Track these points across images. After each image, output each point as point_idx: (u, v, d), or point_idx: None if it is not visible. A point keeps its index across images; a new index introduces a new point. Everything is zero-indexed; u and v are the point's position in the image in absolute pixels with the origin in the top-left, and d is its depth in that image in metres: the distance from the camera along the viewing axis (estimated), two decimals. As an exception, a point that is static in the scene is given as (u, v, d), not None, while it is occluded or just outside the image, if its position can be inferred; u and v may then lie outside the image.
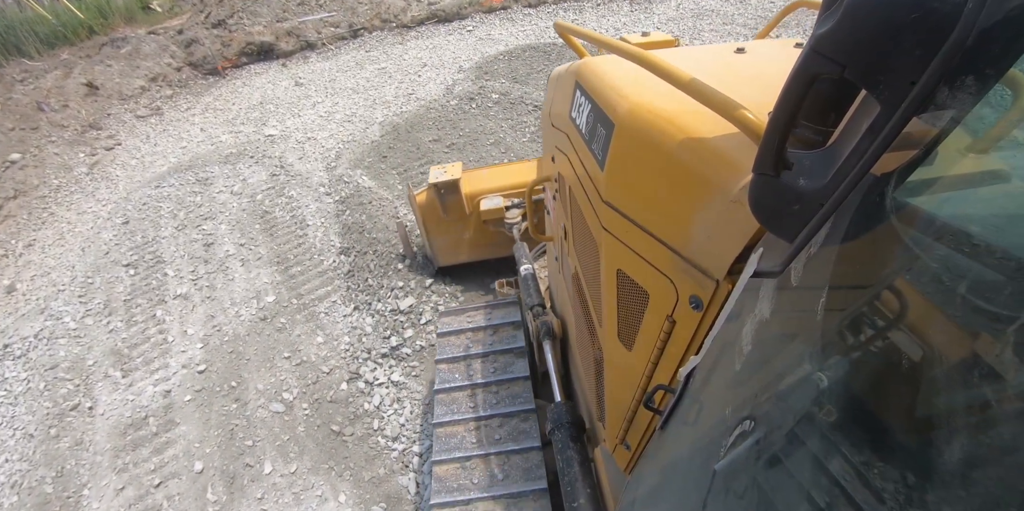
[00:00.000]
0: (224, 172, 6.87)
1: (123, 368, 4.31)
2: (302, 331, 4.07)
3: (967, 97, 0.43)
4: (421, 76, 9.37)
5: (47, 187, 8.64)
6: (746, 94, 0.91)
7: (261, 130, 8.46)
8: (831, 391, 0.53)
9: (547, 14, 11.18)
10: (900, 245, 0.50)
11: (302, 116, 8.67)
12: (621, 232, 1.19)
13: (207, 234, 5.65)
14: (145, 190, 7.04)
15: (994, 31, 0.39)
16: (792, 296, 0.64)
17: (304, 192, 5.92)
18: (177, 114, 10.68)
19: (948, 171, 0.52)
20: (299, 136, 7.75)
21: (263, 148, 7.49)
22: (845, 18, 0.46)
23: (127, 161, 8.91)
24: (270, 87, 10.80)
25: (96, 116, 10.76)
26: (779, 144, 0.58)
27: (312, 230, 5.20)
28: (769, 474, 0.58)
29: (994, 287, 0.42)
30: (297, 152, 7.11)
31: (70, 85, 11.07)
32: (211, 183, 6.71)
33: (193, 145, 8.73)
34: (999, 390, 0.39)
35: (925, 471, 0.42)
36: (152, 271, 5.36)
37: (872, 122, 0.48)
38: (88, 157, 9.28)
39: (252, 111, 9.56)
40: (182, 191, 6.69)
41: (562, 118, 1.68)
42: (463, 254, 4.33)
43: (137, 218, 6.42)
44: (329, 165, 6.49)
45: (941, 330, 0.46)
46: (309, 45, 12.28)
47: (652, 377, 1.18)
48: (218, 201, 6.22)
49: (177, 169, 7.42)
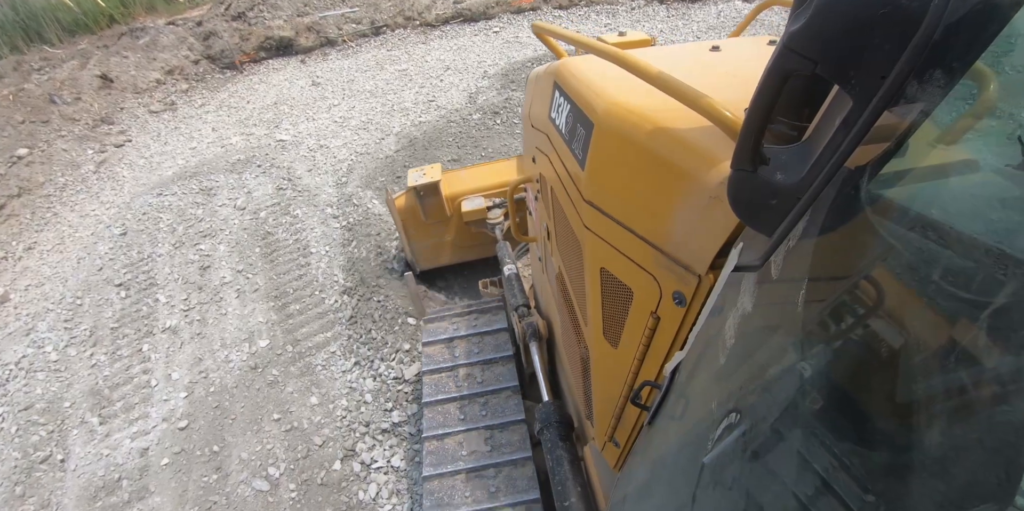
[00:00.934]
0: (229, 182, 6.36)
1: (101, 413, 3.84)
2: (296, 387, 3.55)
3: (936, 90, 0.44)
4: (443, 81, 8.75)
5: (53, 185, 8.23)
6: (722, 91, 0.92)
7: (273, 133, 7.94)
8: (813, 381, 0.54)
9: (578, 17, 10.46)
10: (876, 236, 0.51)
11: (316, 120, 8.12)
12: (603, 231, 1.17)
13: (204, 255, 5.15)
14: (147, 197, 6.56)
15: (959, 25, 0.39)
16: (773, 289, 0.63)
17: (310, 212, 5.38)
18: (191, 110, 10.20)
19: (919, 163, 0.52)
20: (311, 143, 7.21)
21: (272, 155, 6.96)
22: (816, 15, 0.46)
23: (135, 160, 8.46)
24: (287, 85, 10.26)
25: (109, 110, 10.33)
26: (755, 140, 0.58)
27: (315, 260, 4.66)
28: (756, 465, 0.58)
29: (967, 274, 0.43)
30: (307, 162, 6.57)
31: (84, 77, 10.65)
32: (215, 194, 6.21)
33: (203, 146, 8.25)
34: (976, 374, 0.39)
35: (907, 457, 0.43)
36: (143, 295, 4.88)
37: (845, 116, 0.48)
38: (97, 154, 8.85)
39: (266, 112, 9.03)
40: (184, 201, 6.20)
41: (542, 119, 1.64)
42: (444, 257, 4.18)
43: (136, 229, 5.95)
44: (339, 180, 5.93)
45: (918, 318, 0.46)
46: (329, 41, 11.70)
47: (638, 374, 1.17)
48: (220, 216, 5.71)
49: (182, 175, 6.92)
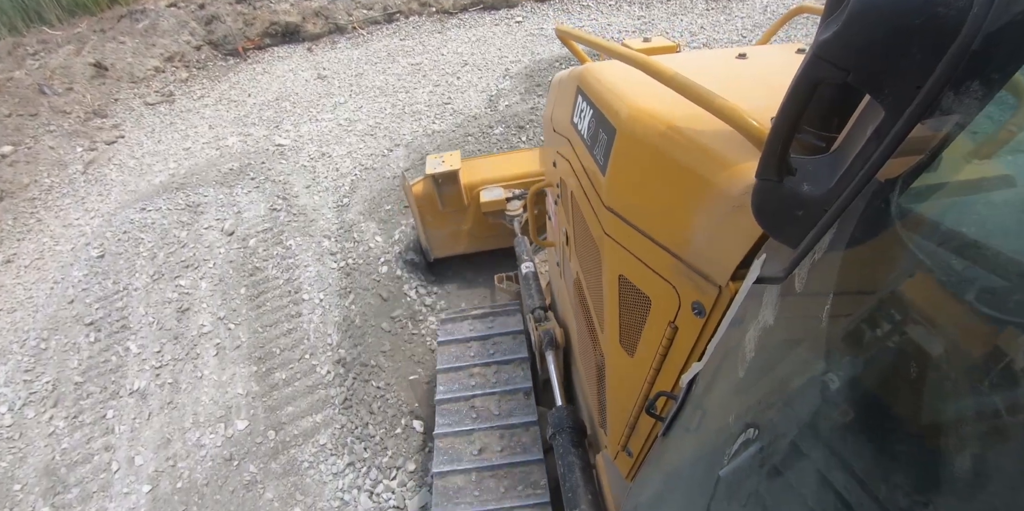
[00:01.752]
0: (219, 197, 5.60)
1: (55, 502, 3.21)
2: (277, 493, 2.86)
3: (972, 102, 0.42)
4: (460, 78, 7.83)
5: (38, 187, 7.53)
6: (749, 100, 0.90)
7: (272, 135, 7.13)
8: (836, 398, 0.51)
9: (608, 8, 9.39)
10: (905, 251, 0.49)
11: (320, 121, 7.29)
12: (623, 237, 1.14)
13: (184, 293, 4.44)
14: (130, 211, 5.83)
15: (1000, 35, 0.37)
16: (796, 302, 0.61)
17: (305, 244, 4.62)
18: (189, 103, 9.39)
19: (953, 177, 0.50)
20: (312, 150, 6.41)
21: (269, 164, 6.18)
22: (849, 23, 0.44)
23: (126, 161, 7.71)
24: (291, 77, 9.39)
25: (102, 101, 9.56)
26: (782, 150, 0.56)
27: (307, 310, 3.93)
28: (773, 482, 0.56)
29: (1001, 293, 0.41)
30: (306, 175, 5.78)
31: (77, 65, 9.85)
32: (202, 212, 5.47)
33: (197, 147, 7.47)
34: (1009, 398, 0.37)
35: (932, 480, 0.40)
36: (114, 341, 4.20)
37: (877, 127, 0.46)
38: (86, 152, 8.12)
39: (267, 108, 8.20)
40: (169, 219, 5.46)
41: (564, 123, 1.61)
42: (460, 246, 4.03)
43: (114, 252, 5.24)
44: (340, 201, 5.14)
45: (947, 337, 0.44)
46: (338, 28, 10.74)
47: (654, 383, 1.14)
48: (205, 241, 4.98)
49: (170, 185, 6.15)
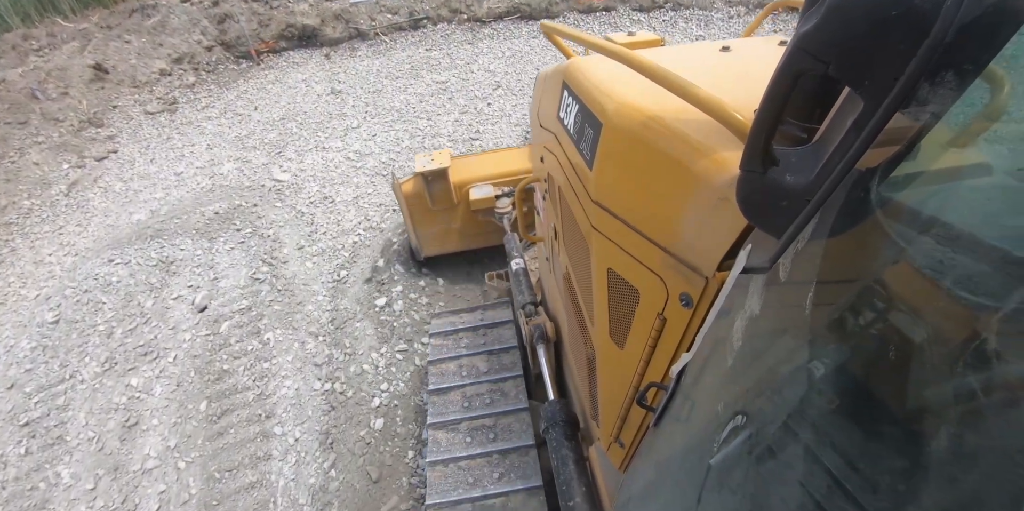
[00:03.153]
0: (196, 254, 4.63)
1: None
2: None
3: (948, 92, 0.42)
4: (491, 105, 6.75)
5: (16, 210, 6.68)
6: (732, 92, 0.91)
7: (271, 166, 6.15)
8: (821, 384, 0.52)
9: (662, 22, 8.16)
10: (886, 239, 0.48)
11: (327, 150, 6.29)
12: (611, 231, 1.13)
13: (134, 398, 3.49)
14: (98, 262, 4.89)
15: (973, 27, 0.38)
16: (781, 291, 0.61)
17: (286, 340, 3.62)
18: (191, 114, 8.47)
19: (931, 165, 0.50)
20: (313, 190, 5.41)
21: (261, 209, 5.18)
22: (828, 16, 0.44)
23: (112, 184, 6.81)
24: (302, 90, 8.38)
25: (99, 108, 8.68)
26: (765, 141, 0.56)
27: (278, 453, 2.94)
28: (762, 468, 0.56)
29: (979, 278, 0.41)
30: (301, 229, 4.78)
31: (75, 67, 8.99)
32: (174, 272, 4.52)
33: (189, 174, 6.53)
34: (987, 380, 0.37)
35: (917, 462, 0.41)
36: (46, 458, 3.27)
37: (856, 118, 0.47)
38: (72, 169, 7.25)
39: (271, 129, 7.22)
40: (136, 279, 4.53)
41: (550, 119, 1.59)
42: (451, 244, 3.96)
43: (69, 319, 4.33)
44: (336, 275, 4.11)
45: (928, 322, 0.44)
46: (359, 34, 9.69)
47: (644, 375, 1.13)
48: (170, 319, 4.03)
49: (147, 229, 5.18)
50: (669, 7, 8.37)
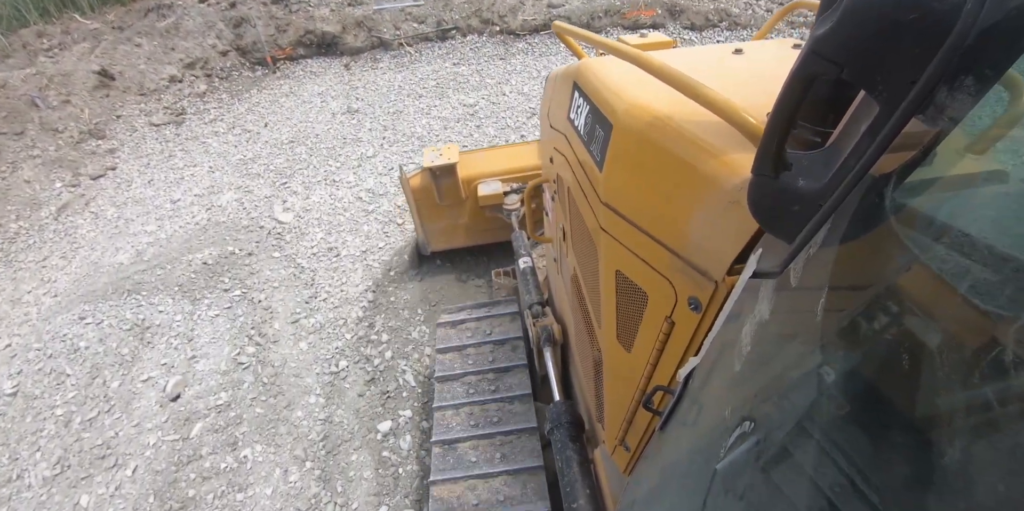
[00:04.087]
0: (175, 319, 3.95)
1: None
2: None
3: (966, 98, 0.41)
4: (525, 137, 6.00)
5: (2, 234, 6.12)
6: (744, 95, 0.90)
7: (274, 199, 5.47)
8: (830, 392, 0.50)
9: (714, 43, 7.30)
10: (899, 246, 0.47)
11: (337, 184, 5.58)
12: (620, 233, 1.12)
13: (76, 526, 2.87)
14: (68, 319, 4.26)
15: (993, 31, 0.37)
16: (791, 297, 0.60)
17: (267, 464, 2.84)
18: (198, 127, 7.86)
19: (947, 172, 0.50)
20: (317, 238, 4.70)
21: (255, 261, 4.46)
22: (844, 19, 0.43)
23: (104, 209, 6.22)
24: (316, 105, 7.70)
25: (102, 118, 8.12)
26: (778, 145, 0.56)
27: None
28: (769, 475, 0.55)
29: (994, 287, 0.40)
30: (298, 294, 4.06)
31: (80, 72, 8.45)
32: (148, 341, 3.87)
33: (186, 202, 5.89)
34: (1002, 390, 0.36)
35: (927, 472, 0.40)
36: None
37: (871, 123, 0.45)
38: (66, 189, 6.69)
39: (278, 153, 6.54)
40: (106, 347, 3.89)
41: (560, 119, 1.59)
42: (458, 240, 3.89)
43: (28, 393, 3.70)
44: (335, 368, 3.32)
45: (941, 331, 0.43)
46: (382, 43, 8.97)
47: (651, 378, 1.12)
48: (135, 413, 3.37)
49: (125, 284, 4.51)
50: (724, 26, 7.48)
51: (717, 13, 7.76)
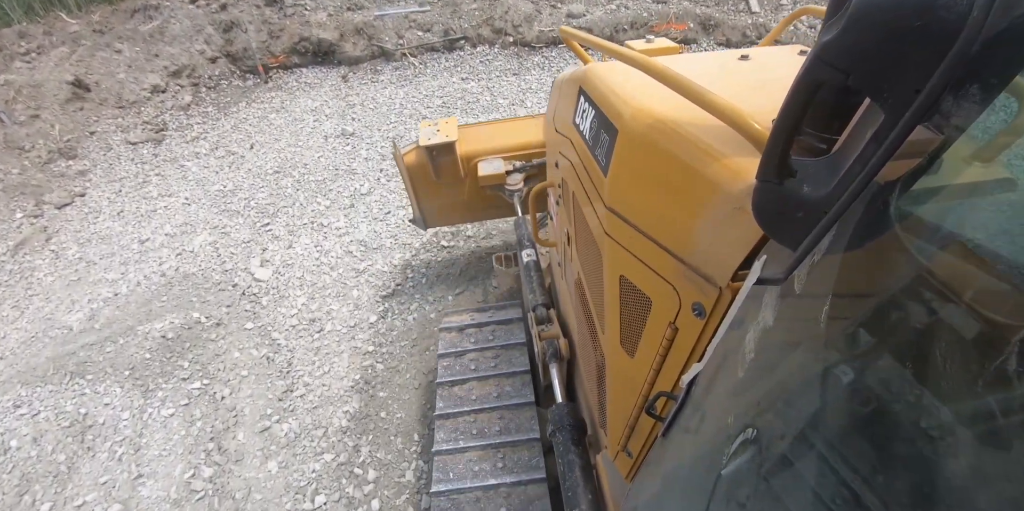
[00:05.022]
0: (122, 420, 3.23)
1: None
2: None
3: (972, 106, 0.41)
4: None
5: (-49, 273, 5.51)
6: (750, 101, 0.91)
7: (252, 248, 4.75)
8: (834, 399, 0.51)
9: (762, 64, 6.51)
10: (904, 254, 0.48)
11: (325, 230, 4.86)
12: (624, 238, 1.12)
13: None
14: (3, 406, 3.65)
15: (999, 39, 0.36)
16: (795, 304, 0.60)
17: None
18: (178, 147, 7.13)
19: (953, 180, 0.49)
20: (299, 303, 3.97)
21: (222, 337, 3.75)
22: (850, 26, 0.43)
23: (65, 247, 5.53)
24: (309, 125, 6.95)
25: (74, 134, 7.39)
26: (783, 151, 0.56)
27: None
28: (771, 482, 0.55)
29: (999, 296, 0.40)
30: (271, 384, 3.36)
31: (51, 82, 7.71)
32: (89, 449, 3.19)
33: (153, 246, 5.18)
34: (1006, 400, 0.36)
35: (928, 483, 0.40)
36: None
37: (876, 130, 0.45)
38: (27, 220, 6.01)
39: (262, 185, 5.82)
40: (40, 450, 3.21)
41: (565, 124, 1.59)
42: (456, 217, 3.76)
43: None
44: (310, 506, 2.73)
45: (946, 340, 0.42)
46: (384, 53, 8.17)
47: (654, 384, 1.12)
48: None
49: (70, 361, 3.83)
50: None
51: (755, 28, 6.96)
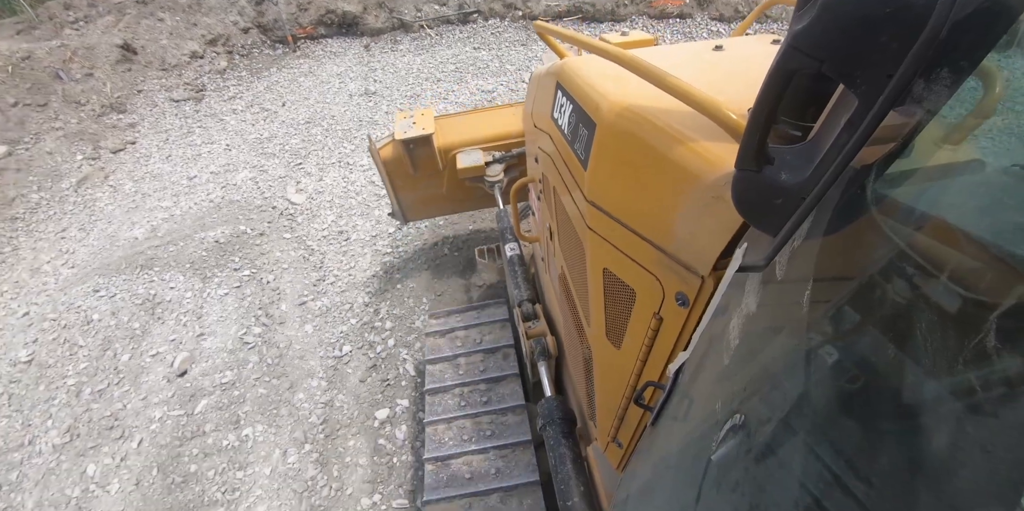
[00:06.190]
0: (185, 296, 4.01)
1: None
2: None
3: (942, 89, 0.42)
4: (539, 126, 5.92)
5: (24, 203, 6.23)
6: (726, 91, 0.94)
7: (288, 179, 5.47)
8: (818, 382, 0.51)
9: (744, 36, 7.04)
10: (881, 236, 0.48)
11: (351, 166, 5.56)
12: (606, 231, 1.12)
13: (87, 490, 2.86)
14: (84, 290, 4.34)
15: (967, 23, 0.37)
16: (777, 289, 0.61)
17: (267, 443, 2.87)
18: (217, 104, 7.85)
19: (925, 163, 0.50)
20: (328, 220, 4.69)
21: (266, 241, 4.49)
22: (821, 13, 0.43)
23: (122, 183, 6.29)
24: (335, 86, 7.63)
25: (123, 92, 8.16)
26: (760, 140, 0.56)
27: None
28: (760, 467, 0.56)
29: (974, 274, 0.41)
30: (307, 276, 4.07)
31: (103, 46, 8.47)
32: (158, 317, 3.92)
33: (202, 179, 5.93)
34: (983, 376, 0.37)
35: (911, 460, 0.41)
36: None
37: (850, 116, 0.45)
38: (87, 162, 6.76)
39: (294, 133, 6.52)
40: (118, 319, 3.96)
41: (544, 119, 1.58)
42: (435, 210, 3.75)
43: (42, 362, 3.78)
44: (338, 352, 3.26)
45: (924, 319, 0.43)
46: (403, 25, 8.83)
47: (641, 374, 1.13)
48: (143, 387, 3.42)
49: (138, 259, 4.58)
50: (758, 20, 7.19)
51: (748, 4, 7.48)
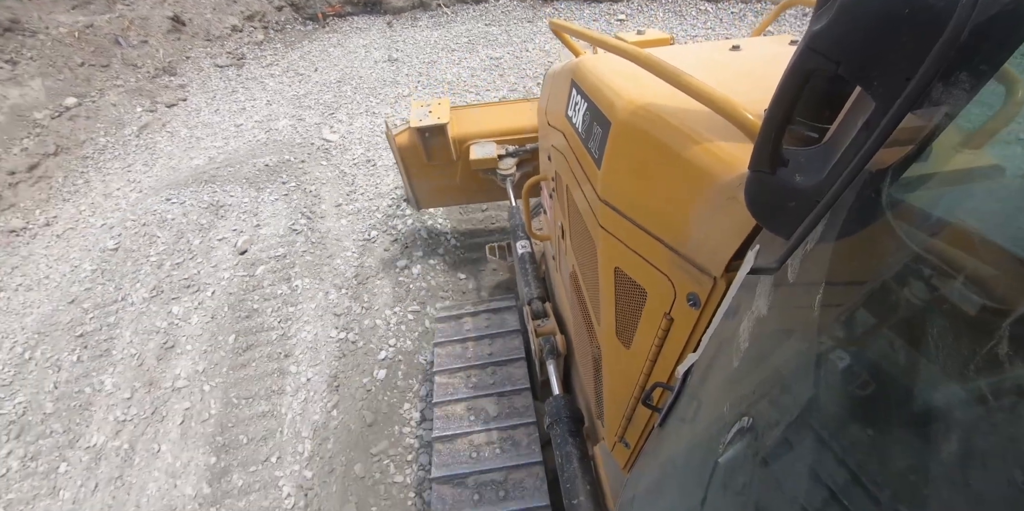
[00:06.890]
0: (243, 201, 4.89)
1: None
2: None
3: (962, 93, 0.40)
4: (540, 85, 6.74)
5: (93, 145, 7.20)
6: (742, 91, 0.90)
7: (323, 125, 6.37)
8: (828, 387, 0.51)
9: (730, 15, 7.80)
10: (896, 241, 0.47)
11: (376, 115, 6.44)
12: (618, 230, 1.11)
13: (173, 324, 3.80)
14: (157, 199, 5.27)
15: (988, 26, 0.36)
16: (789, 292, 0.60)
17: (312, 289, 3.76)
18: (256, 70, 8.80)
19: (943, 167, 0.49)
20: (358, 153, 5.57)
21: (308, 165, 5.40)
22: (839, 15, 0.43)
23: (178, 129, 7.23)
24: (361, 55, 8.54)
25: (174, 58, 9.14)
26: (775, 141, 0.56)
27: (291, 388, 3.12)
28: (767, 470, 0.56)
29: (990, 281, 0.40)
30: (342, 188, 4.94)
31: (156, 17, 9.45)
32: (222, 216, 4.81)
33: (248, 126, 6.85)
34: (997, 384, 0.37)
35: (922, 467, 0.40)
36: (93, 367, 3.62)
37: (867, 118, 0.45)
38: (145, 113, 7.72)
39: (327, 91, 7.42)
40: (188, 219, 4.85)
41: (558, 117, 1.56)
42: (448, 199, 3.79)
43: (127, 248, 4.70)
44: (367, 234, 4.21)
45: (938, 325, 0.43)
46: (423, 4, 9.72)
47: (650, 375, 1.11)
48: (213, 259, 4.31)
49: (204, 173, 5.54)
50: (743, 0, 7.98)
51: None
